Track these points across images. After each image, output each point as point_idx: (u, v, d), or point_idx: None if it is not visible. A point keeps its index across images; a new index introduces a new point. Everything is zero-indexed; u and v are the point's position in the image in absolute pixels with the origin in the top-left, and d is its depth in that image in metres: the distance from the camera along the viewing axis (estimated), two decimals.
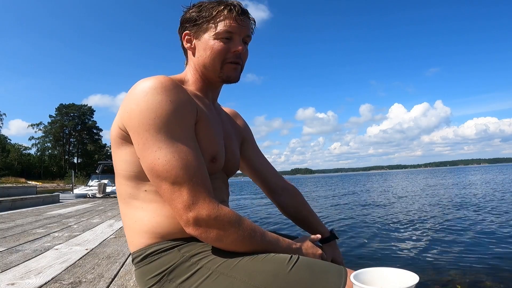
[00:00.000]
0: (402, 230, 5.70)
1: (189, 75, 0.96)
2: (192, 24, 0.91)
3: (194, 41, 0.93)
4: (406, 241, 4.83)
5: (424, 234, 5.26)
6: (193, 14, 0.91)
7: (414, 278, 0.65)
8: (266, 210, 9.97)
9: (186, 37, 0.94)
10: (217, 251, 0.82)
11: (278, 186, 1.18)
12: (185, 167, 0.76)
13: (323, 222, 1.18)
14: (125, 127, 0.81)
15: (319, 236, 1.00)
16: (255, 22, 0.97)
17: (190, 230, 0.77)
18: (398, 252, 4.24)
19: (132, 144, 0.82)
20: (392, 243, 4.73)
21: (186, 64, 0.98)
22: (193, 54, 0.94)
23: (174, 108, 0.78)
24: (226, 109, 1.15)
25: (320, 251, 0.94)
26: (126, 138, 0.83)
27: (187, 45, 0.95)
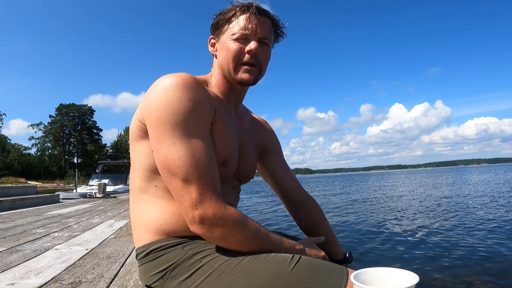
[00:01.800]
0: (402, 230, 5.70)
1: (213, 77, 0.96)
2: (215, 28, 0.94)
3: (217, 44, 0.94)
4: (406, 241, 4.83)
5: (425, 234, 5.26)
6: (216, 19, 0.93)
7: (414, 278, 0.65)
8: (264, 210, 9.98)
9: (211, 41, 0.96)
10: (220, 250, 0.82)
11: (297, 201, 1.16)
12: (196, 165, 0.77)
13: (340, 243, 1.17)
14: (144, 120, 0.83)
15: (322, 238, 1.00)
16: (279, 22, 0.94)
17: (195, 228, 0.78)
18: (398, 252, 4.24)
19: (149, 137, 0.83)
20: (392, 243, 4.73)
21: (211, 67, 0.99)
22: (216, 57, 0.95)
23: (193, 106, 0.79)
24: (257, 117, 1.14)
25: (323, 253, 0.94)
26: (144, 131, 0.84)
27: (211, 49, 0.96)
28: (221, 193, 0.80)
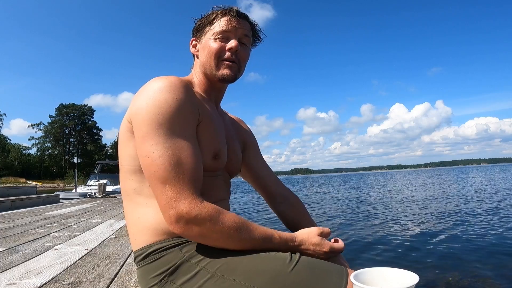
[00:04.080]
0: (402, 230, 5.70)
1: (195, 78, 1.00)
2: (196, 30, 0.99)
3: (198, 45, 0.99)
4: (406, 241, 4.83)
5: (425, 234, 5.26)
6: (199, 22, 0.99)
7: (414, 278, 0.65)
8: (259, 209, 9.98)
9: (193, 42, 1.01)
10: (217, 252, 0.82)
11: (278, 194, 1.16)
12: (175, 164, 0.77)
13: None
14: (131, 121, 0.84)
15: (327, 230, 0.93)
16: (257, 26, 1.01)
17: (173, 228, 0.77)
18: (398, 252, 4.24)
19: None
20: (392, 243, 4.73)
21: (192, 68, 1.03)
22: (197, 57, 0.99)
23: (179, 106, 0.81)
24: (232, 115, 1.18)
25: (325, 249, 0.89)
26: (132, 132, 0.85)
27: (192, 50, 1.01)
28: (199, 192, 0.79)
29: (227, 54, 0.93)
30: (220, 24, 0.93)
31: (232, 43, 0.93)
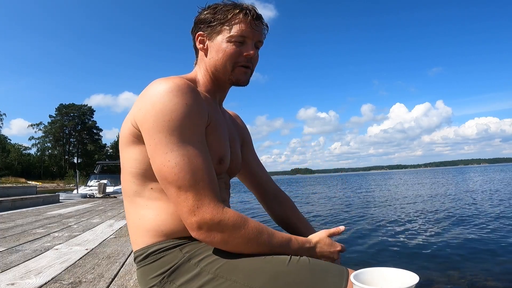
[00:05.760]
0: (402, 230, 5.70)
1: (200, 75, 0.96)
2: (206, 25, 0.92)
3: (207, 42, 0.93)
4: (406, 241, 4.82)
5: (424, 234, 5.26)
6: (208, 15, 0.91)
7: (414, 278, 0.65)
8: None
9: (200, 37, 0.94)
10: (217, 253, 0.82)
11: (269, 192, 1.17)
12: (193, 171, 0.77)
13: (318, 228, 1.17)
14: (138, 126, 0.82)
15: (340, 228, 0.94)
16: (268, 27, 0.98)
17: (195, 235, 0.78)
18: (398, 252, 4.24)
19: (143, 142, 0.82)
20: (392, 243, 4.73)
21: (196, 64, 0.99)
22: (205, 55, 0.94)
23: (189, 111, 0.79)
24: (229, 111, 1.16)
25: (338, 248, 0.91)
26: (137, 136, 0.84)
27: (199, 46, 0.95)
28: (219, 197, 0.80)
29: (243, 59, 0.91)
30: (240, 27, 0.89)
31: (250, 50, 0.90)
